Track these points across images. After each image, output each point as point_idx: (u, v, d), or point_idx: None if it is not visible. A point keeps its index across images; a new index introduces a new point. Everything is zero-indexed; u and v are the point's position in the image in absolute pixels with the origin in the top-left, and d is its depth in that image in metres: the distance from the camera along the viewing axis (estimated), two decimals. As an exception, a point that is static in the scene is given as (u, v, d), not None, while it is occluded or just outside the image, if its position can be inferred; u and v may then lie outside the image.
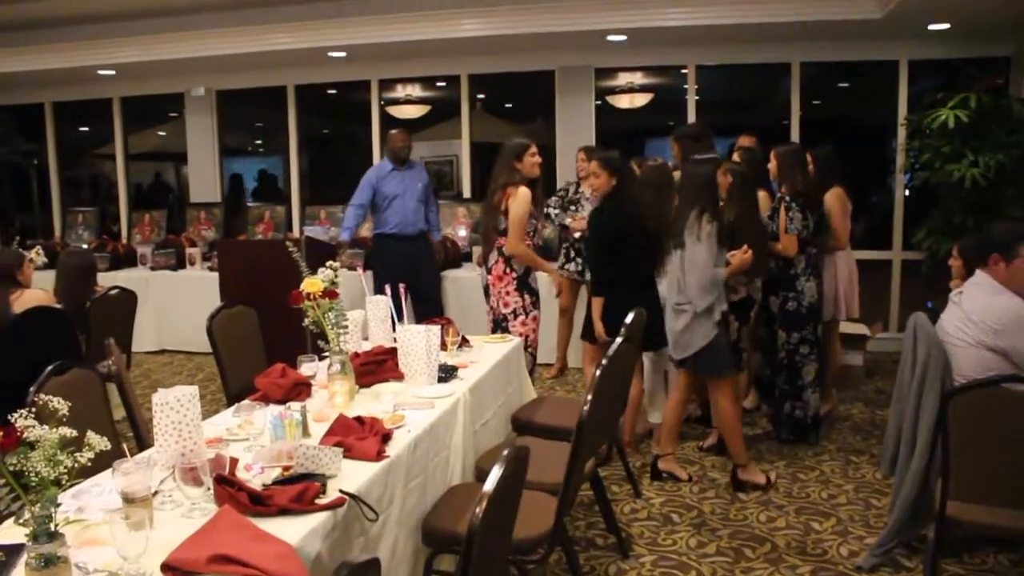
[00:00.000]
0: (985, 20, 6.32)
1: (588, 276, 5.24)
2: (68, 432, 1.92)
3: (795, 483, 4.44)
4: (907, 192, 7.29)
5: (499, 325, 4.90)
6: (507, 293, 4.89)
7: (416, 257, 6.56)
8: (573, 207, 6.40)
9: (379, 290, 4.09)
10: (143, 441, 3.40)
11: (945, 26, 6.50)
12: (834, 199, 5.29)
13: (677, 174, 4.91)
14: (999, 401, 2.83)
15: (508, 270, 4.89)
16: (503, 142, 5.01)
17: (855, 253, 7.10)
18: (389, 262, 6.42)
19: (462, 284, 6.99)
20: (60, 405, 1.98)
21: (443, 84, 8.80)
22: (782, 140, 6.58)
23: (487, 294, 4.99)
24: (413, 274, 6.38)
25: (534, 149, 4.87)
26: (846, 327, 6.43)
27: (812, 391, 4.98)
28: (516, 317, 4.89)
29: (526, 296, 4.91)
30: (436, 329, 3.56)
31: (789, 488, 4.38)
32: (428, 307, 6.44)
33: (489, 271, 4.95)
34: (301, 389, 3.23)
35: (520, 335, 4.81)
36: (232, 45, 7.40)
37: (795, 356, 4.90)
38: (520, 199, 4.78)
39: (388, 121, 8.65)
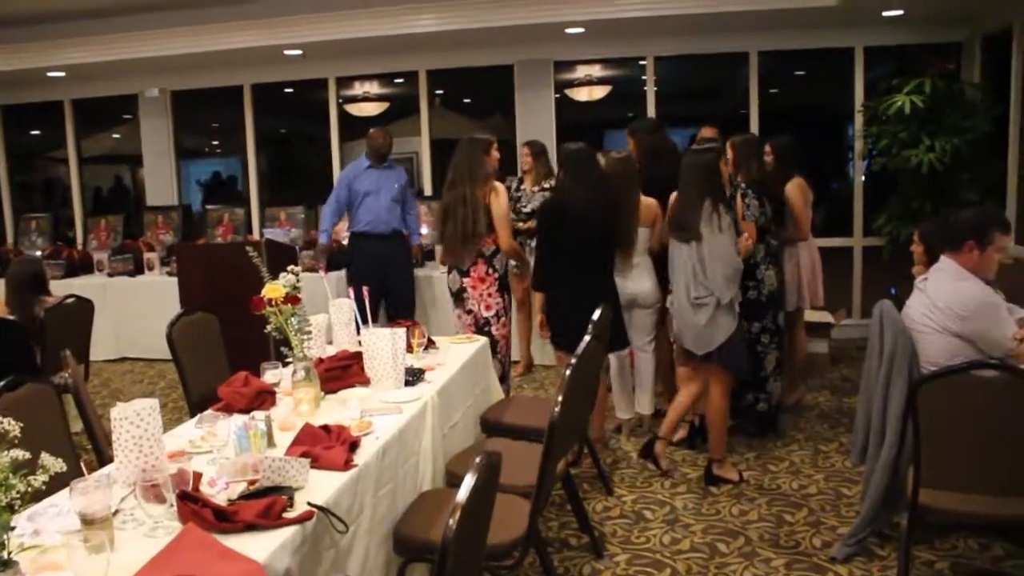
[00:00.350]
0: (937, 6, 6.40)
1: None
2: (21, 455, 1.85)
3: (765, 474, 4.45)
4: (865, 178, 7.34)
5: (481, 329, 4.74)
6: (489, 295, 4.77)
7: (390, 257, 6.44)
8: (516, 201, 6.40)
9: (356, 289, 4.02)
10: (103, 454, 3.31)
11: (899, 12, 6.55)
12: (795, 189, 5.30)
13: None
14: (967, 388, 2.83)
15: (490, 271, 4.76)
16: (462, 137, 4.89)
17: (817, 241, 7.18)
18: (362, 261, 6.37)
19: (432, 284, 6.91)
20: (11, 427, 1.90)
21: (401, 80, 8.71)
22: (741, 130, 6.62)
23: (459, 298, 4.84)
24: (386, 274, 6.36)
25: (496, 144, 4.82)
26: (810, 315, 6.46)
27: (774, 380, 4.97)
28: (499, 319, 4.79)
29: (505, 297, 4.85)
30: (401, 332, 3.50)
31: (760, 480, 4.38)
32: (401, 308, 6.35)
33: (466, 273, 4.77)
34: (265, 397, 3.15)
35: (501, 338, 4.76)
36: (186, 44, 7.25)
37: (756, 346, 4.87)
38: (503, 195, 4.73)
39: (346, 119, 8.56)
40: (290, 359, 3.21)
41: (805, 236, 5.37)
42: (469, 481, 1.85)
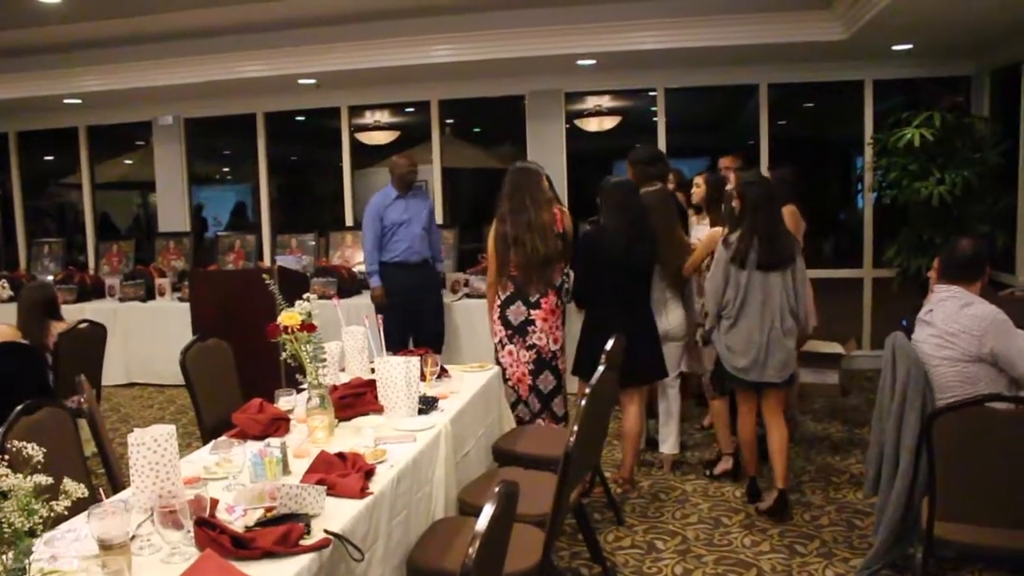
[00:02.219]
0: (946, 41, 6.43)
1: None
2: (43, 480, 1.86)
3: (777, 505, 4.42)
4: (875, 210, 7.36)
5: (547, 364, 4.65)
6: (558, 327, 4.68)
7: (421, 285, 6.39)
8: None
9: (385, 317, 4.02)
10: (116, 479, 3.32)
11: (908, 46, 6.59)
12: (787, 216, 5.30)
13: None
14: (981, 420, 2.83)
15: (559, 303, 4.69)
16: (512, 165, 4.81)
17: (826, 272, 7.20)
18: (394, 291, 6.28)
19: (451, 311, 6.91)
20: (34, 451, 1.92)
21: (412, 110, 8.79)
22: (751, 161, 6.66)
23: (522, 331, 4.66)
24: (418, 302, 6.32)
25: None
26: (820, 346, 6.48)
27: None
28: (564, 352, 4.71)
29: (564, 328, 4.83)
30: (415, 360, 3.51)
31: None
32: (433, 337, 6.31)
33: (536, 304, 4.64)
34: (279, 424, 3.16)
35: (564, 371, 4.74)
36: (201, 73, 7.32)
37: None
38: (568, 217, 4.73)
39: (357, 148, 8.62)
40: (303, 385, 3.22)
41: None
42: (488, 510, 1.86)
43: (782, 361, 4.23)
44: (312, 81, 7.61)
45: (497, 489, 1.94)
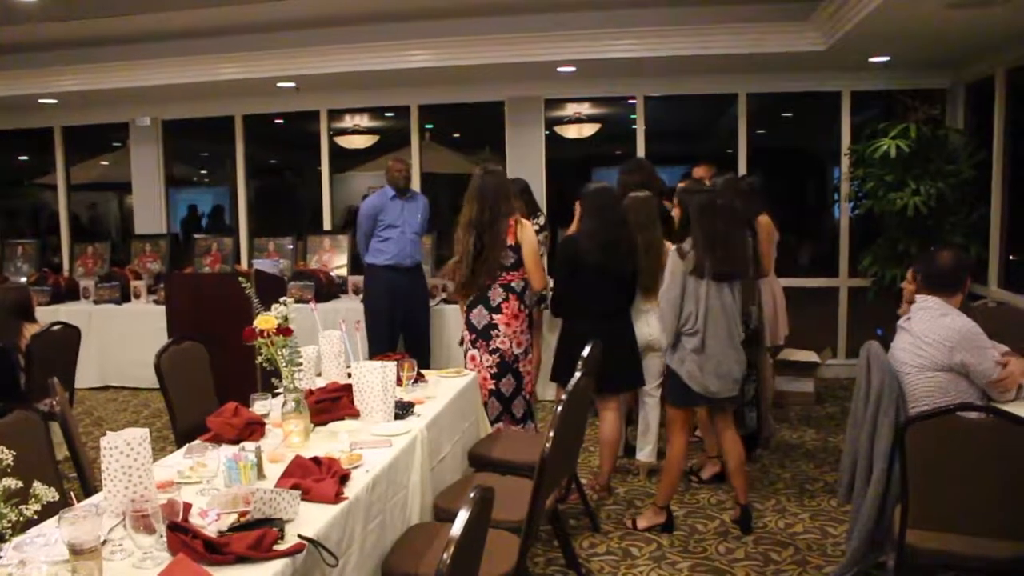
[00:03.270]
0: (922, 54, 6.51)
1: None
2: (12, 483, 1.84)
3: (751, 513, 4.44)
4: (851, 220, 7.42)
5: (510, 367, 4.65)
6: (521, 332, 4.68)
7: (411, 291, 6.37)
8: None
9: (372, 322, 4.01)
10: (88, 483, 3.29)
11: (885, 59, 6.66)
12: (761, 226, 5.34)
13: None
14: (954, 429, 2.85)
15: (522, 307, 4.69)
16: (484, 167, 4.75)
17: (802, 280, 7.24)
18: (382, 294, 6.25)
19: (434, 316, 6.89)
20: (4, 455, 1.90)
21: (391, 114, 8.78)
22: (729, 169, 6.69)
23: (485, 336, 4.65)
24: (407, 307, 6.30)
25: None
26: (795, 354, 6.54)
27: (750, 411, 5.13)
28: (526, 356, 4.71)
29: (531, 332, 4.84)
30: (392, 365, 3.51)
31: (746, 518, 4.38)
32: (420, 342, 6.29)
33: (497, 309, 4.64)
34: (255, 428, 3.14)
35: (527, 374, 4.72)
36: (180, 75, 7.28)
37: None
38: (529, 229, 4.66)
39: (336, 152, 8.60)
40: (279, 390, 3.21)
41: (767, 272, 5.41)
42: (463, 515, 1.86)
43: (741, 373, 4.23)
44: (291, 84, 7.58)
45: (472, 494, 1.94)
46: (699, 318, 4.06)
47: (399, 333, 6.29)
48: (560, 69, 7.14)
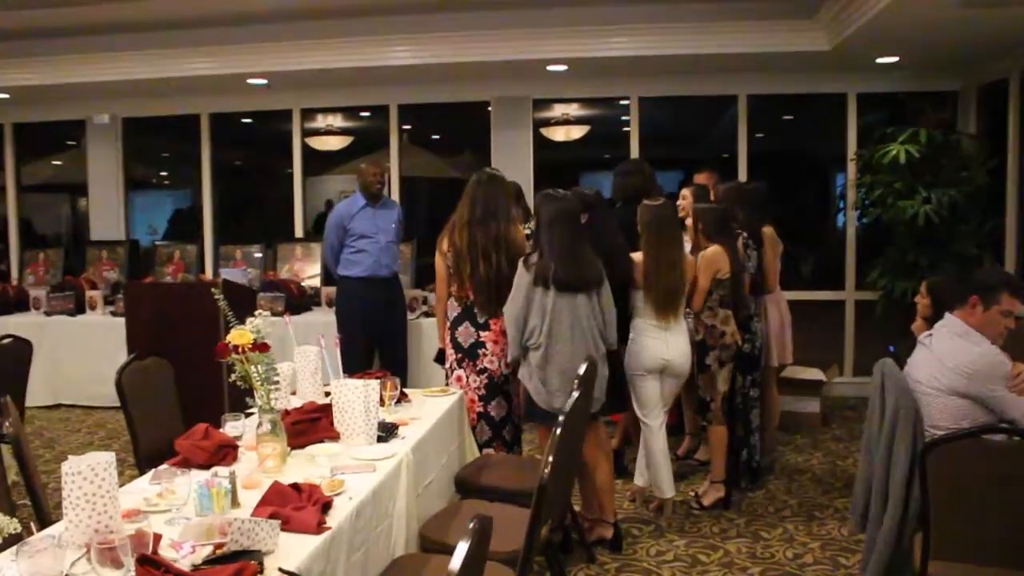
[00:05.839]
0: (933, 54, 6.56)
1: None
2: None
3: (757, 542, 4.43)
4: (858, 229, 7.45)
5: (499, 389, 4.59)
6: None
7: (388, 304, 6.30)
8: None
9: (345, 337, 3.97)
10: (42, 510, 3.23)
11: (893, 59, 6.71)
12: (766, 238, 5.34)
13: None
14: (978, 453, 2.85)
15: None
16: (482, 171, 4.68)
17: (806, 294, 7.25)
18: (353, 308, 6.17)
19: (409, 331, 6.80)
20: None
21: (367, 114, 8.75)
22: (728, 175, 6.72)
23: (471, 355, 4.58)
24: (383, 321, 6.24)
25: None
26: (799, 372, 6.55)
27: (757, 436, 5.20)
28: (516, 377, 4.58)
29: None
30: (375, 383, 3.47)
31: (752, 548, 4.36)
32: (398, 359, 6.22)
33: (485, 326, 4.56)
34: (227, 452, 3.10)
35: (516, 396, 4.65)
36: (142, 70, 7.22)
37: (745, 399, 5.09)
38: (522, 238, 4.66)
39: (309, 154, 8.55)
40: (251, 410, 3.17)
41: (772, 288, 5.42)
42: (463, 548, 1.83)
43: (601, 390, 4.18)
44: (262, 81, 7.55)
45: (472, 525, 1.91)
46: (542, 332, 4.11)
47: (375, 349, 6.24)
48: (550, 68, 7.14)
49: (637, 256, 4.51)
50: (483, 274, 4.52)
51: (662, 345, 4.50)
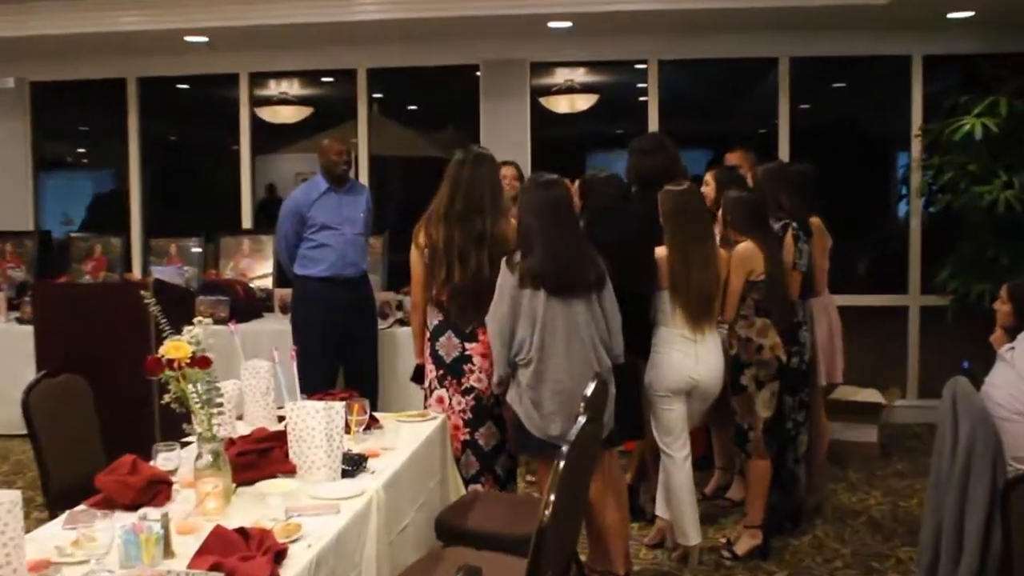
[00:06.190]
0: (1014, 8, 6.55)
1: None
2: None
3: (804, 599, 4.46)
4: (924, 220, 7.47)
5: (489, 413, 4.54)
6: None
7: (355, 309, 6.27)
8: None
9: (303, 350, 3.96)
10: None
11: (968, 14, 6.73)
12: (815, 230, 5.35)
13: None
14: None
15: None
16: (465, 150, 4.64)
17: (861, 298, 7.23)
18: (315, 314, 6.13)
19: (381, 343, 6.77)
20: None
21: (330, 80, 8.76)
22: (766, 154, 6.72)
23: (455, 371, 4.55)
24: (350, 331, 6.21)
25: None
26: (853, 393, 6.56)
27: (802, 469, 5.23)
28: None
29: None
30: (339, 406, 3.46)
31: (798, 605, 4.38)
32: (366, 374, 6.22)
33: (471, 337, 4.51)
34: (159, 490, 3.09)
35: (510, 421, 4.57)
36: (56, 24, 7.19)
37: (786, 423, 5.07)
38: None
39: (259, 127, 8.55)
40: (188, 438, 3.16)
41: (821, 290, 5.44)
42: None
43: (609, 414, 4.12)
44: (203, 39, 7.55)
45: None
46: (533, 344, 4.10)
47: (338, 365, 6.23)
48: (552, 24, 7.16)
49: (660, 252, 4.52)
50: (459, 279, 4.48)
51: (691, 361, 4.50)
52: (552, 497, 2.80)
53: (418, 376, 4.81)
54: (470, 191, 4.51)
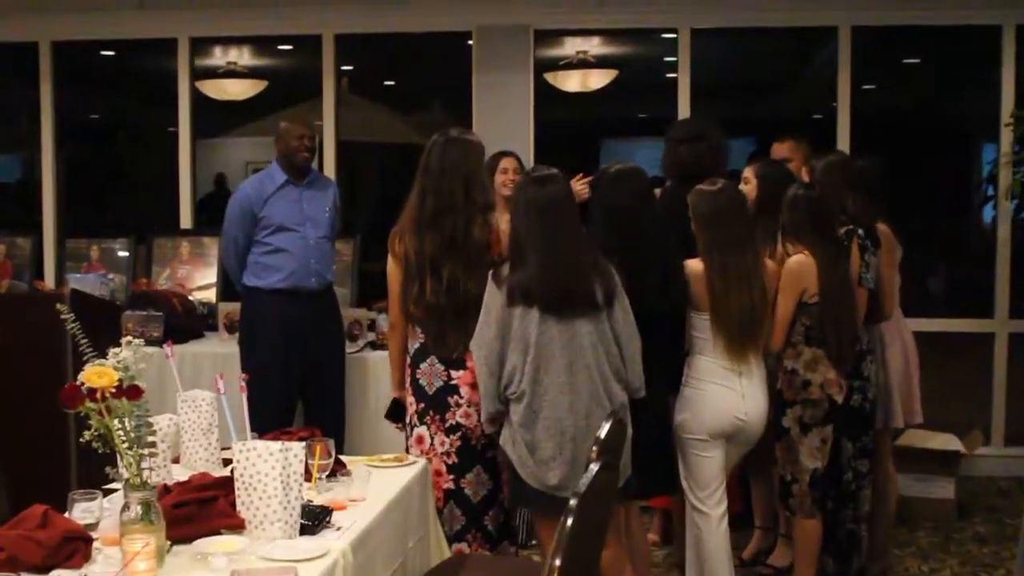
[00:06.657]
0: None
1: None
2: None
3: None
4: (1014, 228, 7.48)
5: (479, 457, 4.54)
6: None
7: (317, 328, 6.23)
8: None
9: (255, 378, 3.97)
10: None
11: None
12: (883, 239, 5.36)
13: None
14: None
15: None
16: (447, 134, 4.68)
17: (936, 323, 7.25)
18: (270, 334, 6.11)
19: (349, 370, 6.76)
20: None
21: (289, 48, 8.79)
22: (821, 145, 6.75)
23: (439, 403, 4.55)
24: (312, 356, 6.19)
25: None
26: (925, 439, 6.55)
27: (864, 529, 5.17)
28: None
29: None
30: (298, 447, 3.47)
31: None
32: (330, 411, 6.19)
33: (459, 364, 4.51)
34: (76, 548, 3.09)
35: (507, 468, 4.54)
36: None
37: (846, 473, 5.05)
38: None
39: (202, 104, 8.56)
40: (115, 485, 3.17)
41: (890, 313, 5.43)
42: None
43: (624, 461, 4.05)
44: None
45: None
46: (525, 375, 4.09)
47: (297, 397, 6.23)
48: (561, -18, 7.21)
49: (694, 265, 4.53)
50: (430, 296, 4.48)
51: (737, 398, 4.52)
52: (556, 562, 2.82)
53: (395, 412, 4.81)
54: (439, 185, 4.52)
